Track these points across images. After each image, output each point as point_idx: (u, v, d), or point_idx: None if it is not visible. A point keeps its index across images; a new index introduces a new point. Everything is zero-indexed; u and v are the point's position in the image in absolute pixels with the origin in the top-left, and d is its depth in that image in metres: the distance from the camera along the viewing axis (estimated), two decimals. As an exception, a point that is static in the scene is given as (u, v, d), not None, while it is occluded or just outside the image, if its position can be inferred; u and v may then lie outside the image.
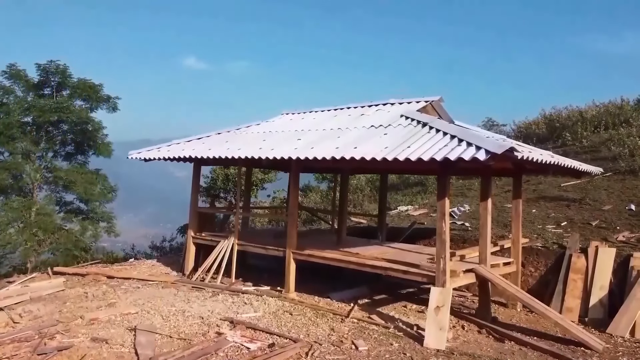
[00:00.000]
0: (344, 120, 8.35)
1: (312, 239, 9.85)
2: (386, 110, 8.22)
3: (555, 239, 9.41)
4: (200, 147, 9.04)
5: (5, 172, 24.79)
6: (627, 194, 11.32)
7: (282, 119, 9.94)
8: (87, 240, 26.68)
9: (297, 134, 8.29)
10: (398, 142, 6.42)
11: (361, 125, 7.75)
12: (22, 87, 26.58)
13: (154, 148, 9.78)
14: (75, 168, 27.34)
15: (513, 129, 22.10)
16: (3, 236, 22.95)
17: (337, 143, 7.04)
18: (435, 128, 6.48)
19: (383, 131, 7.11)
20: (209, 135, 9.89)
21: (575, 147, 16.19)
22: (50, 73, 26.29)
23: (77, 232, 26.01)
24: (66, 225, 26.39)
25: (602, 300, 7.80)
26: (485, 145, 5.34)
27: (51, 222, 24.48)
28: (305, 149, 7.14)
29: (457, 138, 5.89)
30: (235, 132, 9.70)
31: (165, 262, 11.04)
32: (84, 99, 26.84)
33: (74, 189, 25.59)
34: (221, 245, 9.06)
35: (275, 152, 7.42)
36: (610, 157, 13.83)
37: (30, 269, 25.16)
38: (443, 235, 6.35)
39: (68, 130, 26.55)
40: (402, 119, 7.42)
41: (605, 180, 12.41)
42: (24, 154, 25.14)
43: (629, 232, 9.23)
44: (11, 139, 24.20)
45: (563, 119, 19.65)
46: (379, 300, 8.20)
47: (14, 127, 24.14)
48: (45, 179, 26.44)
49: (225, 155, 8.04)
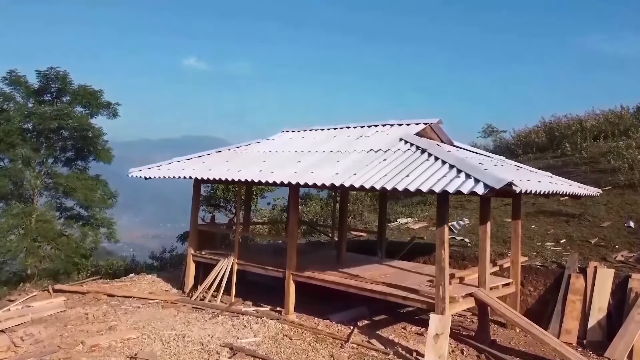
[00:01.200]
0: (344, 142, 8.39)
1: (312, 256, 9.89)
2: (385, 132, 8.25)
3: (555, 257, 9.43)
4: (200, 167, 9.07)
5: (6, 179, 24.85)
6: (626, 210, 11.34)
7: (282, 137, 9.98)
8: (88, 246, 26.76)
9: (296, 155, 8.32)
10: (397, 169, 6.45)
11: (360, 148, 7.78)
12: (23, 94, 26.65)
13: (155, 166, 9.82)
14: (76, 174, 27.38)
15: (512, 136, 22.15)
16: (3, 243, 23.00)
17: (336, 168, 7.07)
18: (434, 155, 6.50)
19: (382, 156, 7.14)
20: (209, 153, 9.93)
21: (575, 158, 16.22)
22: (51, 79, 26.35)
23: (77, 238, 26.08)
24: (66, 231, 26.47)
25: (601, 323, 7.83)
26: (484, 179, 5.37)
27: (51, 229, 24.54)
28: (304, 174, 7.17)
29: (456, 168, 5.92)
30: (235, 150, 9.74)
31: (165, 277, 11.07)
32: (84, 106, 26.92)
33: (74, 195, 25.65)
34: (221, 264, 9.10)
35: (275, 175, 7.45)
36: (610, 169, 13.84)
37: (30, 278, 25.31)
38: (442, 262, 6.37)
39: (68, 137, 26.62)
40: (401, 143, 7.45)
41: (605, 195, 12.40)
42: (24, 161, 25.19)
43: (627, 252, 9.26)
44: (11, 146, 24.25)
45: (563, 128, 19.70)
46: (378, 322, 8.22)
47: (14, 134, 24.20)
48: (46, 185, 26.49)
49: (225, 177, 8.06)
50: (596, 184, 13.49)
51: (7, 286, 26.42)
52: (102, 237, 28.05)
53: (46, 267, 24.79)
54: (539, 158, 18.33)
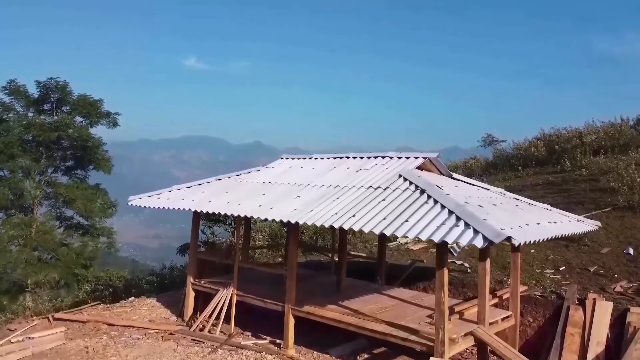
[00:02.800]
0: (343, 175, 8.40)
1: (312, 283, 9.90)
2: (384, 166, 8.26)
3: (554, 286, 9.45)
4: (199, 197, 9.08)
5: (6, 189, 24.87)
6: (626, 234, 11.36)
7: (282, 165, 9.99)
8: (87, 256, 26.78)
9: (296, 188, 8.33)
10: (396, 212, 6.46)
11: (359, 183, 7.79)
12: (22, 103, 26.66)
13: (155, 194, 9.83)
14: (75, 183, 27.42)
15: (512, 148, 22.15)
16: (3, 255, 23.03)
17: (335, 207, 7.08)
18: (434, 198, 6.51)
19: (381, 195, 7.15)
20: (209, 181, 9.94)
21: (574, 175, 16.23)
22: (50, 89, 26.37)
23: (77, 248, 26.11)
24: (66, 240, 26.49)
25: (599, 357, 7.84)
26: (483, 231, 5.38)
27: (51, 241, 24.58)
28: (304, 212, 7.18)
29: (455, 215, 5.93)
30: (235, 179, 9.75)
31: (165, 302, 11.07)
32: (84, 116, 26.93)
33: (74, 205, 25.67)
34: (220, 294, 9.12)
35: (274, 212, 7.46)
36: (609, 188, 13.85)
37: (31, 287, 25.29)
38: (442, 305, 6.39)
39: (68, 147, 26.64)
40: (400, 179, 7.47)
41: (604, 217, 12.44)
42: (25, 172, 25.21)
43: (626, 282, 9.28)
44: (11, 157, 24.28)
45: (563, 141, 19.70)
46: (378, 355, 8.24)
47: (14, 145, 24.22)
48: (46, 194, 26.52)
49: (225, 211, 8.09)
50: (595, 204, 13.58)
51: (7, 295, 26.52)
52: (102, 246, 28.12)
53: (46, 277, 24.88)
54: (538, 173, 18.37)
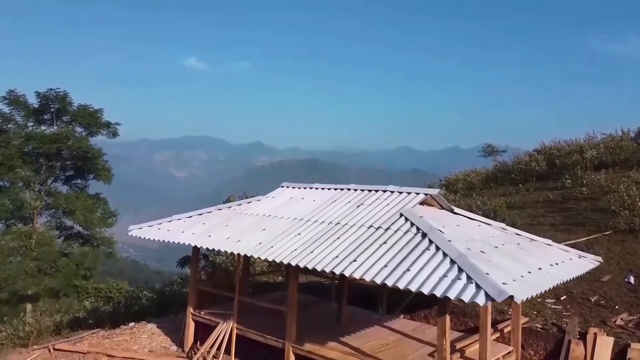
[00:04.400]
0: (343, 210, 8.36)
1: (312, 313, 9.87)
2: (385, 202, 8.22)
3: (555, 318, 9.43)
4: (199, 230, 9.05)
5: (6, 200, 24.86)
6: (627, 261, 11.33)
7: (283, 195, 9.96)
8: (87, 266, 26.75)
9: (296, 224, 8.30)
10: (398, 258, 6.44)
11: (360, 221, 7.76)
12: (22, 113, 26.63)
13: (155, 224, 9.80)
14: (75, 193, 27.41)
15: (513, 161, 22.07)
16: (4, 267, 23.02)
17: (336, 248, 7.06)
18: (435, 244, 6.49)
19: (383, 236, 7.12)
20: (210, 211, 9.90)
21: (575, 192, 16.19)
22: (50, 100, 26.34)
23: (77, 259, 26.09)
24: (66, 250, 26.49)
25: (601, 394, 7.85)
26: (486, 288, 5.35)
27: (51, 252, 24.56)
28: (304, 253, 7.16)
29: (457, 266, 5.91)
30: (235, 209, 9.72)
31: (165, 328, 11.03)
32: (84, 127, 26.91)
33: (74, 217, 25.66)
34: (220, 327, 9.10)
35: (274, 252, 7.44)
36: (610, 209, 13.82)
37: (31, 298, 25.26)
38: (444, 352, 6.39)
39: (68, 157, 26.61)
40: (402, 219, 7.44)
41: (605, 241, 12.43)
42: (25, 183, 25.18)
43: (627, 314, 9.26)
44: (11, 169, 24.26)
45: (563, 154, 19.65)
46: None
47: (14, 157, 24.20)
48: (46, 204, 26.50)
49: (225, 248, 8.07)
50: (596, 225, 13.56)
51: (7, 305, 26.53)
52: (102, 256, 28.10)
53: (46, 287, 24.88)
54: (539, 188, 18.33)
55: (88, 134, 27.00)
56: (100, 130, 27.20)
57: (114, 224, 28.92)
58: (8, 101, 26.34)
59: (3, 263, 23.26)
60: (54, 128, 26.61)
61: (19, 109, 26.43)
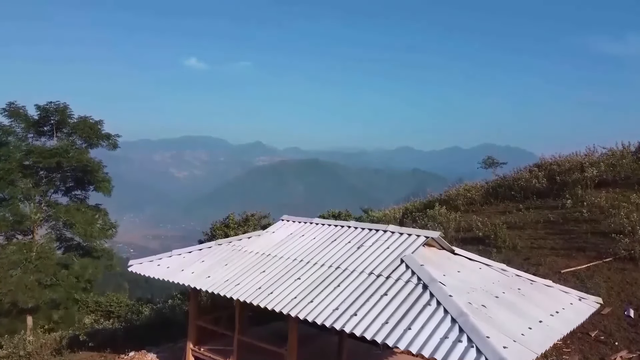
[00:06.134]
0: (343, 252, 8.35)
1: (312, 347, 9.86)
2: (385, 244, 8.21)
3: (555, 354, 9.43)
4: (199, 268, 9.04)
5: (7, 212, 24.87)
6: (627, 292, 11.32)
7: (283, 230, 9.94)
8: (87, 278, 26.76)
9: (295, 266, 8.29)
10: (399, 313, 6.44)
11: (360, 266, 7.75)
12: (22, 125, 26.63)
13: (155, 259, 9.79)
14: (75, 204, 27.42)
15: (513, 176, 22.03)
16: (4, 282, 23.03)
17: (337, 298, 7.05)
18: (437, 299, 6.48)
19: (383, 286, 7.11)
20: (210, 246, 9.90)
21: (576, 214, 16.15)
22: (50, 113, 26.33)
23: (77, 271, 26.11)
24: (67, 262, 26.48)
25: None
26: (486, 353, 5.34)
27: (52, 266, 24.58)
28: (304, 302, 7.15)
29: (459, 326, 5.90)
30: (235, 245, 9.70)
31: (163, 358, 11.05)
32: (84, 140, 26.90)
33: (74, 230, 25.67)
34: (221, 366, 9.10)
35: (274, 299, 7.44)
36: (611, 233, 13.80)
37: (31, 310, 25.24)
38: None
39: (68, 169, 26.60)
40: (402, 266, 7.44)
41: (606, 268, 12.41)
42: (26, 196, 25.17)
43: (626, 351, 9.26)
44: (11, 184, 24.25)
45: (564, 171, 19.61)
46: None
47: (14, 171, 24.20)
48: (46, 215, 26.50)
49: (224, 292, 8.04)
50: (597, 251, 13.53)
51: (7, 317, 26.54)
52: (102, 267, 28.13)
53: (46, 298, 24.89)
54: (539, 207, 18.26)
55: (88, 146, 27.03)
56: (100, 142, 27.23)
57: (114, 235, 28.97)
58: (8, 113, 26.35)
59: (4, 277, 23.29)
60: (54, 140, 26.63)
61: (19, 121, 26.45)
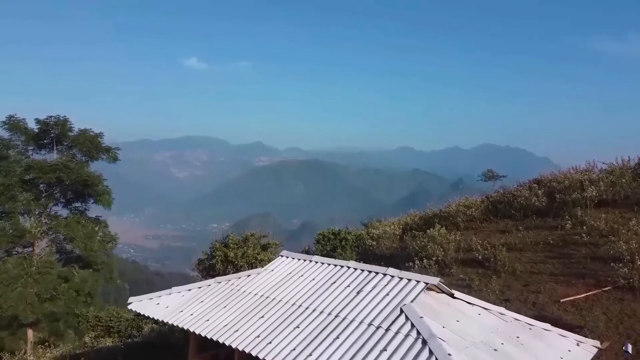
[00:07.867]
0: (342, 297, 8.37)
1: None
2: (384, 291, 8.22)
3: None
4: (197, 310, 9.05)
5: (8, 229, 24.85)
6: (625, 324, 11.32)
7: (281, 268, 9.95)
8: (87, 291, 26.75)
9: (294, 312, 8.30)
10: (397, 372, 6.48)
11: (359, 316, 7.76)
12: (22, 138, 26.61)
13: (155, 297, 9.80)
14: (76, 217, 27.39)
15: (513, 192, 22.03)
16: (4, 299, 23.03)
17: (335, 353, 7.06)
18: (436, 358, 6.50)
19: (383, 340, 7.11)
20: (209, 284, 9.92)
21: (576, 237, 16.14)
22: (50, 126, 26.30)
23: (77, 284, 26.11)
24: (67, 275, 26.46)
25: None
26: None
27: (51, 281, 24.58)
28: (302, 356, 7.16)
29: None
30: (234, 284, 9.72)
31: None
32: (84, 153, 26.88)
33: (74, 244, 25.67)
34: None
35: (273, 350, 7.46)
36: (610, 259, 13.81)
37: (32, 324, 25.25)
38: None
39: (68, 183, 26.58)
40: (402, 318, 7.45)
41: (604, 298, 12.43)
42: (26, 210, 25.16)
43: (625, 391, 9.29)
44: (11, 199, 24.24)
45: (563, 189, 19.61)
46: None
47: (14, 187, 24.18)
48: (47, 228, 26.49)
49: (222, 340, 8.05)
50: (596, 278, 13.54)
51: (7, 330, 26.58)
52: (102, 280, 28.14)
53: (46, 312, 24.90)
54: (539, 227, 18.26)
55: (87, 160, 27.00)
56: (100, 155, 27.19)
57: (114, 248, 28.98)
58: (8, 126, 26.32)
59: (4, 292, 23.28)
60: (54, 153, 26.60)
61: (19, 134, 26.41)
